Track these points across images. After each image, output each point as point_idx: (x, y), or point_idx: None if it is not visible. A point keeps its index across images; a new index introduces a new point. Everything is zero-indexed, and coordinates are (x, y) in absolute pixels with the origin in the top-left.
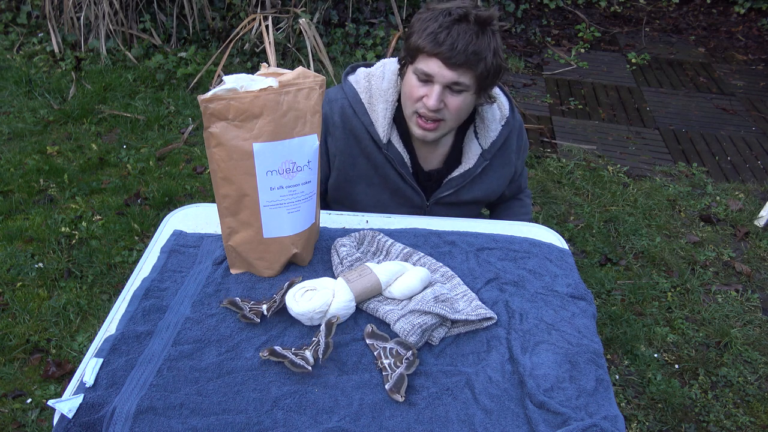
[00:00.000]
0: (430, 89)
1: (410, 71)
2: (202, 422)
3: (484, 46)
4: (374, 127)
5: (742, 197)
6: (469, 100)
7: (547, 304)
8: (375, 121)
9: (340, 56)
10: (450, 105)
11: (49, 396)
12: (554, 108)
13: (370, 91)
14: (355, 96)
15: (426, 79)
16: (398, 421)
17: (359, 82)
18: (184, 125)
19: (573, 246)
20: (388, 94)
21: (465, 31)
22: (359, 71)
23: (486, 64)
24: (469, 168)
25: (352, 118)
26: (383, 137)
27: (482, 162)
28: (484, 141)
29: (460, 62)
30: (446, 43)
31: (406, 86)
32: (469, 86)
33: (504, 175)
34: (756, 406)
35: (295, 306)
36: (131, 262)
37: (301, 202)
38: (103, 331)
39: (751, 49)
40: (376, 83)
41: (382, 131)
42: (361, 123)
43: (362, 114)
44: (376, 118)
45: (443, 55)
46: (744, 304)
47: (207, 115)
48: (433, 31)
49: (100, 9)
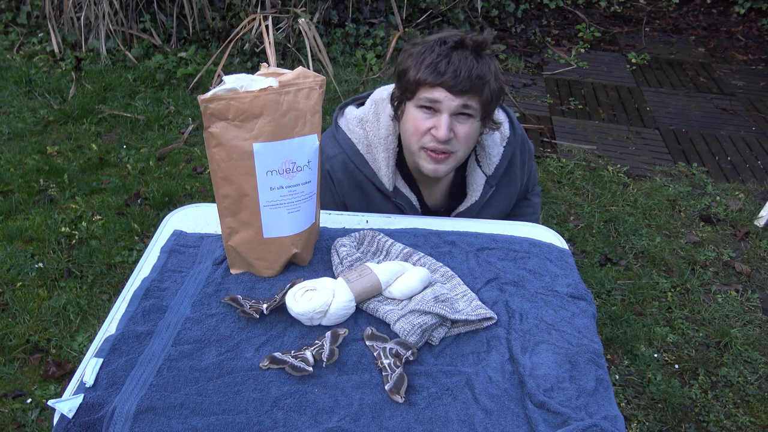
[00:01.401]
0: (438, 120)
1: (410, 107)
2: (202, 422)
3: (486, 70)
4: (378, 177)
5: (742, 197)
6: (476, 128)
7: (547, 304)
8: (378, 171)
9: (340, 56)
10: (459, 134)
11: (49, 396)
12: (554, 108)
13: (368, 139)
14: (352, 148)
15: (432, 109)
16: (398, 421)
17: (354, 132)
18: (184, 125)
19: (573, 246)
20: (388, 142)
21: (465, 57)
22: (350, 115)
23: (490, 87)
24: (476, 200)
25: (355, 172)
26: (389, 185)
27: (488, 190)
28: (487, 168)
29: (466, 88)
30: (449, 72)
31: (409, 123)
32: (476, 111)
33: (511, 193)
34: (756, 406)
35: (295, 306)
36: (131, 262)
37: (301, 202)
38: (103, 331)
39: (751, 49)
40: (372, 130)
41: (387, 180)
42: (364, 175)
43: (363, 166)
44: (378, 167)
45: (447, 84)
46: (744, 304)
47: (207, 115)
48: (432, 62)
49: (100, 9)
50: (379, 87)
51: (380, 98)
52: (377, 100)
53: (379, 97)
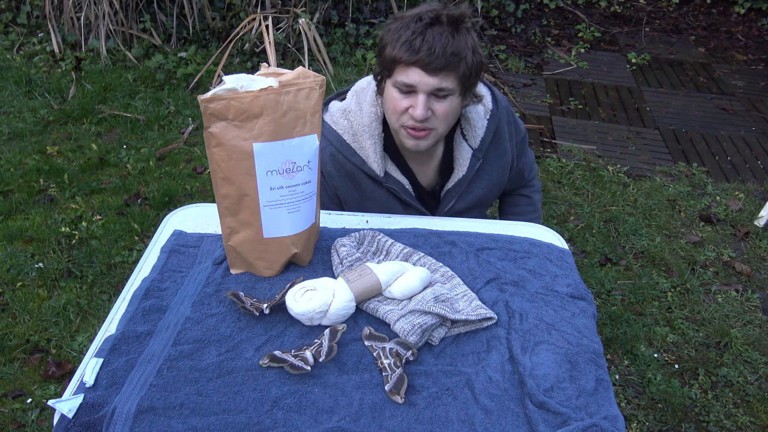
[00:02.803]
0: (415, 99)
1: (389, 85)
2: (202, 422)
3: (462, 45)
4: (367, 164)
5: (742, 197)
6: (455, 103)
7: (547, 304)
8: (366, 158)
9: (340, 56)
10: (437, 111)
11: (49, 396)
12: (554, 108)
13: (353, 128)
14: (338, 139)
15: (408, 90)
16: (398, 421)
17: (338, 123)
18: (184, 125)
19: (573, 246)
20: (372, 128)
21: (440, 34)
22: (333, 109)
23: (467, 63)
24: (462, 174)
25: (344, 163)
26: (379, 171)
27: (475, 163)
28: (473, 141)
29: (441, 66)
30: (423, 49)
31: (388, 101)
32: (453, 89)
33: (502, 165)
34: (756, 406)
35: (295, 306)
36: (131, 262)
37: (301, 202)
38: (103, 331)
39: (751, 49)
40: (356, 119)
41: (377, 165)
42: (354, 164)
43: (352, 155)
44: (366, 155)
45: (422, 62)
46: (744, 304)
47: (207, 115)
48: (407, 39)
49: (100, 9)
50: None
51: (360, 88)
52: (358, 91)
53: (360, 87)
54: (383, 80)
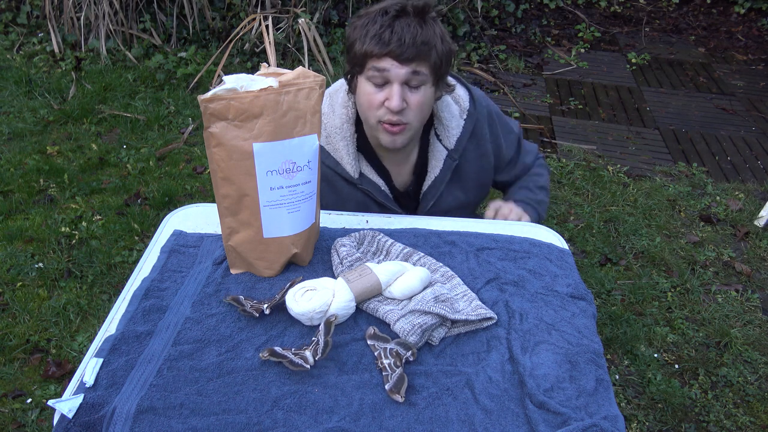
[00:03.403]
0: (389, 91)
1: (362, 81)
2: (202, 422)
3: (431, 35)
4: (341, 166)
5: (742, 197)
6: (429, 94)
7: (547, 304)
8: (340, 160)
9: (340, 56)
10: (411, 102)
11: (49, 396)
12: (554, 108)
13: (326, 131)
14: None
15: (382, 82)
16: (398, 421)
17: None
18: (184, 125)
19: (573, 246)
20: (344, 129)
21: (408, 24)
22: None
23: (437, 51)
24: (436, 176)
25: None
26: (353, 173)
27: (450, 164)
28: (447, 141)
29: (412, 55)
30: (393, 41)
31: (363, 97)
32: (425, 79)
33: (484, 167)
34: (756, 406)
35: (295, 306)
36: (131, 262)
37: (301, 202)
38: (103, 331)
39: (751, 49)
40: (329, 122)
41: (351, 167)
42: (328, 167)
43: (326, 158)
44: (340, 156)
45: (394, 53)
46: (744, 304)
47: (207, 115)
48: (376, 32)
49: (100, 9)
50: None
51: (334, 90)
52: (331, 93)
53: (333, 90)
54: (354, 78)
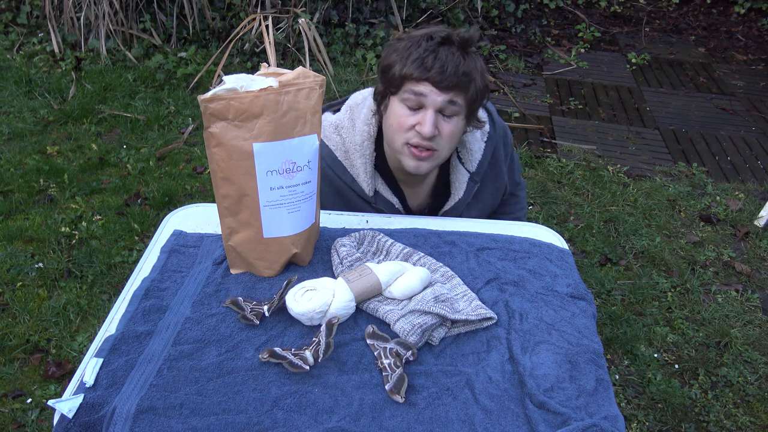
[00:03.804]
0: (422, 116)
1: (395, 102)
2: (202, 422)
3: (473, 67)
4: (357, 183)
5: (742, 197)
6: (460, 125)
7: (547, 304)
8: (356, 177)
9: (340, 56)
10: (443, 131)
11: (49, 396)
12: (554, 108)
13: (345, 146)
14: (330, 155)
15: (417, 106)
16: (398, 421)
17: (330, 138)
18: (184, 125)
19: (573, 246)
20: (364, 147)
21: (452, 53)
22: (325, 123)
23: (476, 85)
24: (459, 198)
25: (334, 179)
26: (368, 191)
27: (473, 187)
28: (470, 165)
29: (452, 84)
30: (435, 67)
31: (393, 118)
32: (460, 110)
33: (498, 188)
34: (756, 406)
35: (295, 306)
36: (131, 262)
37: (301, 202)
38: (103, 331)
39: (751, 49)
40: (348, 137)
41: (366, 185)
42: (344, 182)
43: (343, 173)
44: (356, 173)
45: (433, 79)
46: (744, 304)
47: (207, 115)
48: (419, 56)
49: (100, 9)
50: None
51: (355, 103)
52: (352, 106)
53: (354, 103)
54: (386, 98)
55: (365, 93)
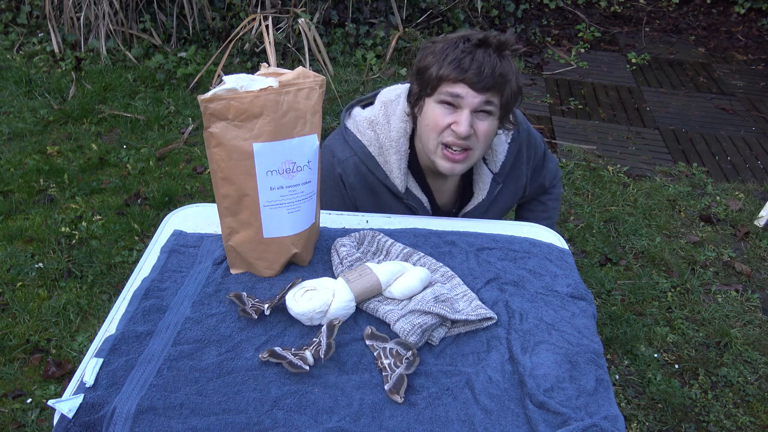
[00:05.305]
0: (458, 116)
1: (431, 102)
2: (202, 422)
3: (508, 69)
4: (390, 179)
5: (742, 197)
6: (494, 126)
7: (547, 304)
8: (390, 173)
9: (340, 56)
10: (479, 131)
11: (49, 396)
12: (554, 108)
13: (379, 141)
14: (363, 151)
15: (452, 105)
16: (398, 421)
17: (364, 134)
18: (184, 125)
19: (573, 246)
20: (400, 144)
21: (489, 55)
22: (359, 117)
23: (511, 86)
24: (482, 198)
25: (367, 175)
26: (401, 187)
27: (495, 187)
28: (493, 165)
29: (489, 85)
30: (472, 68)
31: (428, 118)
32: (495, 110)
33: (516, 189)
34: (756, 406)
35: (295, 306)
36: (131, 262)
37: (301, 202)
38: (103, 331)
39: (751, 49)
40: (383, 133)
41: (399, 181)
42: (377, 178)
43: (376, 168)
44: (390, 169)
45: (470, 80)
46: (744, 304)
47: (207, 115)
48: (456, 57)
49: (100, 9)
50: (384, 88)
51: (389, 100)
52: (386, 102)
53: (388, 99)
54: (421, 99)
55: (399, 89)
